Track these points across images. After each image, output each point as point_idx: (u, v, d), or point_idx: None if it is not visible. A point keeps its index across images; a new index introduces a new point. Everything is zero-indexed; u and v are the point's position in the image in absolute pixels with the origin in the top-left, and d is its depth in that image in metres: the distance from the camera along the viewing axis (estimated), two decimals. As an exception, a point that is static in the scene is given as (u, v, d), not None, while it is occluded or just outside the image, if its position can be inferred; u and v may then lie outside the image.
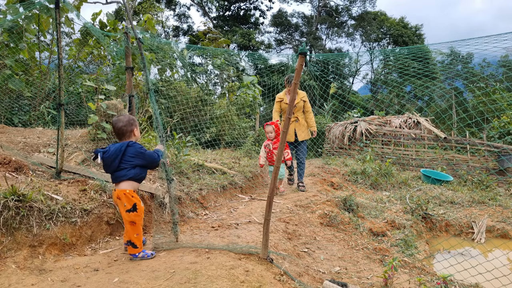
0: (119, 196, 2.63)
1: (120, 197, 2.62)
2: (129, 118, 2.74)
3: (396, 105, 17.09)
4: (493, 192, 7.10)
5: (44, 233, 2.63)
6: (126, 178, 2.66)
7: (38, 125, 6.94)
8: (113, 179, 2.69)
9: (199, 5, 30.82)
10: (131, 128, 2.72)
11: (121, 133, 2.71)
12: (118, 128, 2.70)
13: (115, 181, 2.68)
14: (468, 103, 13.60)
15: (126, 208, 2.63)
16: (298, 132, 5.46)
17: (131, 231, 2.64)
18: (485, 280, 2.91)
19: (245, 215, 4.16)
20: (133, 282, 2.16)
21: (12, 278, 2.15)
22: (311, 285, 2.50)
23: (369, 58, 29.07)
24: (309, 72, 15.50)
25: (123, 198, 2.62)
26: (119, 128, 2.70)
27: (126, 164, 2.66)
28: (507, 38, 2.24)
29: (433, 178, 7.79)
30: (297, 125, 5.46)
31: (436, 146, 10.28)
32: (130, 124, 2.72)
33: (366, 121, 11.54)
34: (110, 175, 2.71)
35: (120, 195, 2.62)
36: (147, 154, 2.74)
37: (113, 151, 2.64)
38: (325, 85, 13.46)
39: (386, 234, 4.22)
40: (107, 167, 2.67)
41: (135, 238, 2.64)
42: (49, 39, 8.60)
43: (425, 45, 13.18)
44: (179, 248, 2.83)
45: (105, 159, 2.64)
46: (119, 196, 2.63)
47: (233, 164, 6.29)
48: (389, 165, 7.90)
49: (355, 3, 31.67)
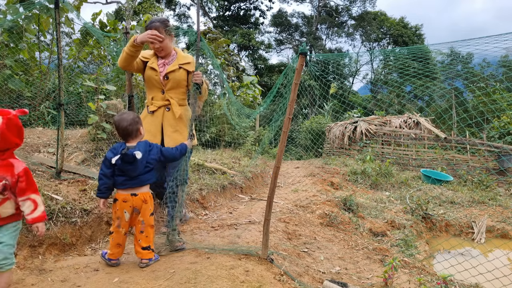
0: (145, 199, 2.47)
1: (147, 200, 2.48)
2: (133, 116, 2.55)
3: (396, 105, 17.09)
4: (493, 192, 7.09)
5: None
6: (151, 181, 2.54)
7: (38, 125, 6.94)
8: (132, 184, 2.45)
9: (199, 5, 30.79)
10: (136, 126, 2.53)
11: (127, 133, 2.49)
12: (124, 128, 2.47)
13: (136, 185, 2.46)
14: (468, 103, 13.61)
15: (150, 211, 2.50)
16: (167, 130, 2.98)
17: (152, 235, 2.52)
18: (486, 281, 2.91)
19: (245, 215, 4.16)
20: (133, 282, 2.16)
21: (12, 278, 2.15)
22: (311, 285, 2.50)
23: (369, 58, 29.10)
24: (309, 72, 15.49)
25: (150, 201, 2.50)
26: (124, 128, 2.47)
27: (150, 166, 2.52)
28: (507, 38, 2.24)
29: (433, 178, 7.79)
30: (167, 117, 2.98)
31: (436, 146, 10.28)
32: (136, 122, 2.51)
33: (366, 121, 11.54)
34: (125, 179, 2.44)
35: (146, 198, 2.48)
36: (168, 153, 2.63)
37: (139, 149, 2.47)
38: (326, 85, 13.46)
39: (386, 234, 4.22)
40: (134, 170, 2.44)
41: (152, 241, 2.53)
42: (49, 39, 8.61)
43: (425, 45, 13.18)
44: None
45: (138, 161, 2.43)
46: (145, 199, 2.47)
47: (233, 164, 6.30)
48: (389, 165, 7.90)
49: (355, 3, 31.70)
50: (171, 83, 2.98)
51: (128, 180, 2.44)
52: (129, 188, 2.44)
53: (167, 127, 2.98)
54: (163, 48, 2.99)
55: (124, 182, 2.44)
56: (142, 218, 2.46)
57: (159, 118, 2.98)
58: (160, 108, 2.99)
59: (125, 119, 2.49)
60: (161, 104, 2.98)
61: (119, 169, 2.43)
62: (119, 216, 2.43)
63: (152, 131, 2.95)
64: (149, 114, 2.99)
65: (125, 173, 2.44)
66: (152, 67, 2.98)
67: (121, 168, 2.42)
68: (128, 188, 2.44)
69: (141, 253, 2.45)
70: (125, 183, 2.44)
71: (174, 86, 3.00)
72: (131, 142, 2.51)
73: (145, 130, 2.71)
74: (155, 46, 2.94)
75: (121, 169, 2.43)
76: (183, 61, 3.04)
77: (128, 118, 2.50)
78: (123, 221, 2.44)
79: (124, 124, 2.47)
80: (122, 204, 2.42)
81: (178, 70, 3.00)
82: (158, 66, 2.98)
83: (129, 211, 2.44)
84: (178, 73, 3.00)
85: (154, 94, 3.02)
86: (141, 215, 2.46)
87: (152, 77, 2.98)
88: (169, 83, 2.98)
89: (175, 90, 3.01)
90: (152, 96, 3.02)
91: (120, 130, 2.49)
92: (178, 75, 3.00)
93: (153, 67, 2.98)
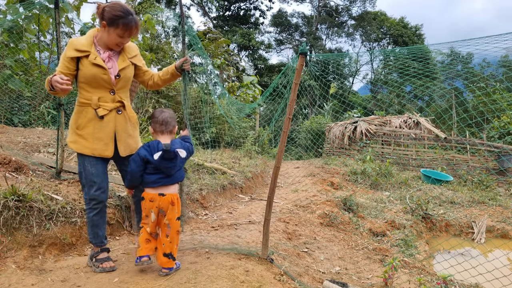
0: (173, 201, 2.32)
1: (174, 202, 2.33)
2: (173, 113, 2.50)
3: (396, 105, 17.09)
4: (493, 192, 7.09)
5: (44, 233, 2.63)
6: (181, 179, 2.45)
7: (38, 125, 6.94)
8: (166, 182, 2.34)
9: (199, 5, 30.85)
10: (175, 123, 2.47)
11: (166, 125, 2.42)
12: (164, 119, 2.40)
13: (169, 183, 2.35)
14: (468, 103, 13.61)
15: (177, 215, 2.34)
16: (121, 137, 2.51)
17: (176, 241, 2.36)
18: (486, 281, 2.91)
19: (245, 215, 4.16)
20: (133, 282, 2.16)
21: (12, 278, 2.15)
22: (311, 285, 2.50)
23: (369, 58, 29.11)
24: (309, 72, 15.49)
25: (177, 204, 2.36)
26: (165, 119, 2.40)
27: (181, 165, 2.43)
28: (507, 38, 2.24)
29: (433, 178, 7.79)
30: (120, 121, 2.51)
31: (436, 146, 10.28)
32: (175, 118, 2.48)
33: (366, 121, 11.54)
34: (159, 177, 2.33)
35: (174, 200, 2.33)
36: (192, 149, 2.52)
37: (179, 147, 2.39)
38: (326, 85, 13.46)
39: (386, 234, 4.22)
40: (173, 168, 2.35)
41: (175, 249, 2.37)
42: (49, 39, 8.61)
43: (425, 45, 13.18)
44: (179, 248, 2.83)
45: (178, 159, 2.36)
46: (173, 201, 2.32)
47: (233, 164, 6.30)
48: (389, 165, 7.90)
49: (355, 3, 31.73)
50: (122, 82, 2.47)
51: (162, 178, 2.32)
52: (160, 186, 2.32)
53: (121, 133, 2.48)
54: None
55: (158, 180, 2.32)
56: (168, 222, 2.32)
57: (111, 123, 2.44)
58: (111, 111, 2.43)
59: (166, 112, 2.44)
60: (112, 107, 2.43)
61: (154, 167, 2.31)
62: (147, 215, 2.35)
63: (104, 139, 2.41)
64: (97, 119, 2.39)
65: (161, 170, 2.32)
66: (97, 63, 2.34)
67: (157, 166, 2.31)
68: (159, 186, 2.32)
69: (161, 260, 2.30)
70: (158, 181, 2.31)
71: (124, 84, 2.52)
72: (166, 139, 2.39)
73: (94, 138, 2.37)
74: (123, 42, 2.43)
75: (157, 166, 2.31)
76: (132, 54, 2.55)
77: (170, 112, 2.46)
78: (149, 221, 2.34)
79: (165, 115, 2.41)
80: (149, 203, 2.32)
81: (129, 66, 2.52)
82: (104, 62, 2.38)
83: (156, 212, 2.32)
84: (129, 69, 2.52)
85: (101, 95, 2.40)
86: (167, 218, 2.32)
87: (98, 76, 2.36)
88: (120, 81, 2.46)
89: (124, 89, 2.53)
90: (99, 97, 2.40)
91: (160, 121, 2.39)
92: (129, 71, 2.52)
93: (98, 63, 2.34)
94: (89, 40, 2.38)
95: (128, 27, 2.33)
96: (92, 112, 2.38)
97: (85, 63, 2.34)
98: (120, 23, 2.29)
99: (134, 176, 2.33)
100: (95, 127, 2.40)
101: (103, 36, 2.37)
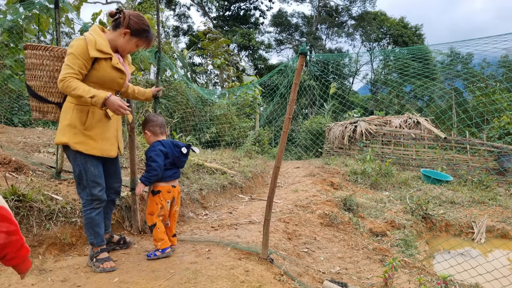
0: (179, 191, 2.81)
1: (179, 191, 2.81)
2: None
3: (396, 105, 17.10)
4: (493, 192, 7.10)
5: (44, 233, 2.63)
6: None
7: (38, 125, 6.94)
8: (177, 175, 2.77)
9: (199, 5, 30.84)
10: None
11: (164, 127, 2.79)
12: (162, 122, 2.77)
13: (178, 176, 2.77)
14: (468, 103, 13.61)
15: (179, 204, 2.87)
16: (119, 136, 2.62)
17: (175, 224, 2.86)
18: (485, 281, 2.91)
19: (245, 215, 4.16)
20: (133, 282, 2.16)
21: (12, 278, 2.15)
22: (311, 285, 2.50)
23: (369, 58, 29.10)
24: (309, 72, 15.49)
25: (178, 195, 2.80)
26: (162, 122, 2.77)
27: None
28: (507, 38, 2.24)
29: (433, 178, 7.80)
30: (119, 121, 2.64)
31: (436, 146, 10.29)
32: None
33: (366, 121, 11.55)
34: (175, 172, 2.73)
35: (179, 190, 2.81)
36: None
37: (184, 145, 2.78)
38: (325, 85, 13.46)
39: (386, 234, 4.22)
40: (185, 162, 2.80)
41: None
42: (49, 39, 8.61)
43: (425, 45, 13.19)
44: (179, 248, 2.84)
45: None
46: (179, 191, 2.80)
47: (233, 164, 6.30)
48: (389, 165, 7.90)
49: (355, 3, 31.70)
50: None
51: (176, 172, 2.72)
52: (174, 179, 2.72)
53: (119, 132, 2.60)
54: None
55: (173, 174, 2.70)
56: (177, 208, 2.78)
57: (115, 124, 2.52)
58: None
59: (159, 116, 2.80)
60: None
61: (171, 162, 2.67)
62: (163, 206, 2.65)
63: (110, 139, 2.45)
64: (106, 119, 2.41)
65: (176, 165, 2.71)
66: (119, 68, 2.37)
67: (174, 161, 2.68)
68: (173, 180, 2.71)
69: (172, 240, 2.74)
70: (173, 175, 2.70)
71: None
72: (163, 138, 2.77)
73: (102, 138, 2.37)
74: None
75: (174, 161, 2.68)
76: (129, 59, 2.65)
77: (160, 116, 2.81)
78: (165, 210, 2.68)
79: (161, 118, 2.77)
80: (166, 194, 2.66)
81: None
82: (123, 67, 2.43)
83: (170, 202, 2.72)
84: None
85: None
86: (176, 205, 2.76)
87: (115, 80, 2.39)
88: None
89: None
90: None
91: (159, 124, 2.73)
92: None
93: (119, 68, 2.37)
94: (107, 42, 2.33)
95: (149, 42, 2.47)
96: (99, 112, 2.36)
97: (103, 65, 2.30)
98: (143, 37, 2.42)
99: (159, 168, 2.59)
100: (103, 127, 2.40)
101: (119, 41, 2.38)
